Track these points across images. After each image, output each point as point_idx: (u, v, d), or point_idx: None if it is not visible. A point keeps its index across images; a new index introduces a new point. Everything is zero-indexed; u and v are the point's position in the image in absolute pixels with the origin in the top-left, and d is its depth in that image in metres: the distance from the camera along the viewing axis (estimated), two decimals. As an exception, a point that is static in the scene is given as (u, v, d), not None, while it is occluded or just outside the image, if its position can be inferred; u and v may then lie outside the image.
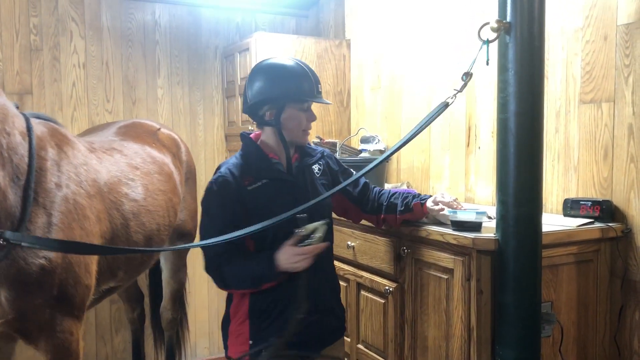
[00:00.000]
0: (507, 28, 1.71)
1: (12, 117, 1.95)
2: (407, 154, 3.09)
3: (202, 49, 3.73)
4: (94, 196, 2.20)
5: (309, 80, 1.86)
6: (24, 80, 3.23)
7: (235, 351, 1.89)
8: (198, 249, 1.94)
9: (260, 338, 1.84)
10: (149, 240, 2.49)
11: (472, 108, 2.67)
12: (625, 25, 2.02)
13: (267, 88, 1.84)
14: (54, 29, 3.30)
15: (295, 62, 1.89)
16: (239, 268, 1.80)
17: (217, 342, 3.89)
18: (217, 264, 1.82)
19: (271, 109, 1.86)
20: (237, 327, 1.89)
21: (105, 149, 2.51)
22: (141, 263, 2.59)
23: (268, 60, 1.94)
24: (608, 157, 2.10)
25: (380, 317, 2.30)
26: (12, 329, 1.98)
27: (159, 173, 2.68)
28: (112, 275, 2.36)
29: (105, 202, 2.26)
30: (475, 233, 1.85)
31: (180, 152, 3.06)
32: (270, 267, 1.75)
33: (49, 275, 1.94)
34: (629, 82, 2.02)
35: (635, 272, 2.02)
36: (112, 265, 2.32)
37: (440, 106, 1.78)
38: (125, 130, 2.83)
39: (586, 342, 2.04)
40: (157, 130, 2.96)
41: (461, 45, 2.68)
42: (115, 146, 2.59)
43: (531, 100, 1.73)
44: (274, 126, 1.87)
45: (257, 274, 1.78)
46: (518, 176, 1.74)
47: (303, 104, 1.87)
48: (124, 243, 2.34)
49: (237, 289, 1.87)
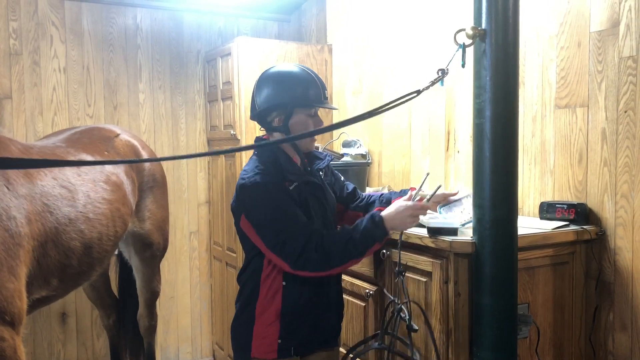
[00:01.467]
0: (482, 35, 1.74)
1: None
2: (388, 158, 3.12)
3: (184, 54, 3.73)
4: (24, 197, 2.11)
5: (315, 86, 1.93)
6: (3, 85, 3.21)
7: (264, 351, 1.90)
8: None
9: (290, 338, 1.90)
10: (89, 249, 2.39)
11: (451, 113, 2.71)
12: (597, 32, 2.07)
13: (275, 94, 1.90)
14: (34, 33, 3.28)
15: (302, 69, 1.95)
16: (342, 236, 1.79)
17: (199, 347, 3.88)
18: (318, 242, 1.78)
19: (280, 115, 1.92)
20: (265, 328, 1.90)
21: (45, 153, 2.42)
22: (79, 273, 2.45)
23: (275, 68, 1.99)
24: (583, 161, 2.14)
25: (361, 319, 2.32)
26: None
27: (105, 182, 2.58)
28: (45, 283, 2.25)
29: (37, 205, 2.17)
30: (452, 237, 1.88)
31: None
32: (379, 225, 1.78)
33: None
34: (601, 87, 2.06)
35: (609, 273, 2.06)
36: (45, 272, 2.21)
37: (412, 93, 1.74)
38: (78, 137, 2.73)
39: (562, 343, 2.08)
40: (115, 136, 2.86)
41: (440, 51, 2.71)
42: (58, 152, 2.51)
43: (506, 105, 1.76)
44: (282, 132, 1.92)
45: (367, 236, 1.78)
46: (494, 180, 1.76)
47: (310, 110, 1.93)
48: (60, 248, 2.24)
49: (340, 264, 1.81)
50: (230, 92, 3.39)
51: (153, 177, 3.01)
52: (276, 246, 1.80)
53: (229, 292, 3.57)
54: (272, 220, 1.81)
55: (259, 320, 1.91)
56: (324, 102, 1.95)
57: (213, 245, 3.82)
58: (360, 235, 1.78)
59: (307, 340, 1.94)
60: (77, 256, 2.33)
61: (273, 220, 1.81)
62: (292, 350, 1.91)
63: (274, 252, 1.82)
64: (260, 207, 1.83)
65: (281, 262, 1.82)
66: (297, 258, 1.78)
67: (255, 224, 1.84)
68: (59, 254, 2.25)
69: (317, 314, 1.94)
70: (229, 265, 3.56)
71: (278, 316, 1.89)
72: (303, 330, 1.92)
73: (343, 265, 1.82)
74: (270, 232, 1.81)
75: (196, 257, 3.85)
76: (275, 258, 1.83)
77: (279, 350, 1.90)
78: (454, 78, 2.55)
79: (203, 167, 3.83)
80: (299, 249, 1.77)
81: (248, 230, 1.88)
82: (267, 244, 1.82)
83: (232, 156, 3.41)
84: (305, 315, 1.91)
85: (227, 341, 3.63)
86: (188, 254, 3.82)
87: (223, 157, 3.57)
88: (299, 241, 1.77)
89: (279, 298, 1.89)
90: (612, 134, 2.04)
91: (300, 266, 1.79)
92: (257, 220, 1.83)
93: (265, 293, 1.90)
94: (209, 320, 3.90)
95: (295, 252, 1.78)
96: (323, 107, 1.96)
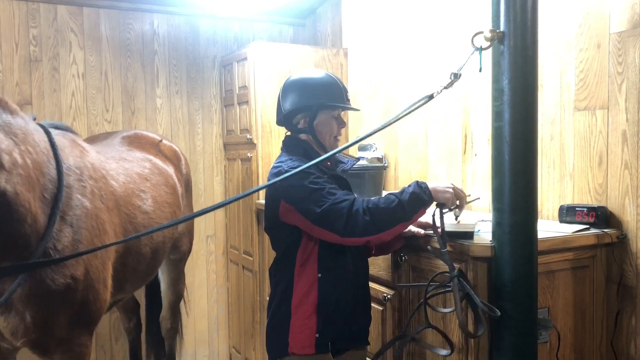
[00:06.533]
0: (500, 37, 1.73)
1: (32, 134, 1.91)
2: (404, 162, 3.11)
3: (201, 59, 3.76)
4: (112, 210, 2.20)
5: (338, 89, 2.03)
6: (24, 91, 3.26)
7: (302, 346, 1.93)
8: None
9: (327, 332, 1.93)
10: (155, 253, 2.49)
11: (468, 116, 2.69)
12: (618, 34, 2.05)
13: (300, 98, 1.99)
14: (53, 39, 3.32)
15: (325, 73, 2.06)
16: (389, 200, 1.80)
17: (216, 350, 3.90)
18: (363, 206, 1.79)
19: (305, 117, 2.01)
20: (303, 322, 1.92)
21: (116, 159, 2.50)
22: (146, 274, 2.59)
23: (298, 74, 2.08)
24: (603, 164, 2.12)
25: (379, 324, 2.31)
26: (30, 345, 1.98)
27: (165, 185, 2.68)
28: (120, 288, 2.35)
29: (121, 216, 2.26)
30: (469, 240, 1.86)
31: (180, 164, 3.07)
32: (425, 190, 1.81)
33: (72, 294, 1.96)
34: (622, 89, 2.04)
35: (631, 277, 2.04)
36: (120, 278, 2.31)
37: (424, 97, 1.80)
38: (130, 141, 2.83)
39: (583, 348, 2.05)
40: (159, 141, 2.98)
41: (457, 54, 2.70)
42: (125, 156, 2.60)
43: (525, 108, 1.74)
44: (308, 132, 2.02)
45: (415, 199, 1.79)
46: (513, 183, 1.75)
47: (334, 111, 2.02)
48: (134, 256, 2.34)
49: (389, 227, 1.81)
50: (247, 96, 3.40)
51: (188, 181, 3.11)
52: (322, 217, 1.81)
53: (246, 295, 3.58)
54: (314, 193, 1.82)
55: (296, 314, 1.93)
56: (346, 103, 2.04)
57: (230, 248, 3.83)
58: (409, 198, 1.79)
59: (341, 335, 1.97)
60: (146, 261, 2.44)
61: (315, 193, 1.82)
62: (330, 346, 1.94)
63: (320, 224, 1.82)
64: (300, 186, 1.85)
65: (328, 233, 1.83)
66: (345, 223, 1.78)
67: (298, 202, 1.85)
68: (134, 262, 2.35)
69: (351, 308, 1.98)
70: (246, 268, 3.57)
71: (315, 309, 1.92)
72: (338, 324, 1.95)
73: (392, 229, 1.82)
74: (314, 205, 1.82)
75: (213, 261, 3.87)
76: (322, 231, 1.84)
77: (316, 345, 1.92)
78: (470, 81, 2.54)
79: (219, 171, 3.85)
80: (345, 215, 1.78)
81: (289, 215, 1.89)
82: (311, 217, 1.83)
83: (248, 160, 3.42)
84: (341, 308, 1.95)
85: (244, 344, 3.64)
86: (205, 258, 3.84)
87: (239, 160, 3.58)
88: (343, 207, 1.79)
89: (314, 290, 1.92)
90: (633, 135, 2.01)
91: (349, 231, 1.79)
92: (299, 198, 1.85)
93: (302, 286, 1.93)
94: (226, 323, 3.91)
95: (342, 218, 1.78)
96: (345, 108, 2.05)
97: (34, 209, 1.83)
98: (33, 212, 1.83)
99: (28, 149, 1.85)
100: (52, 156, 1.96)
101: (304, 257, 1.93)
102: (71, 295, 1.95)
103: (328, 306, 1.93)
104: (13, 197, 1.75)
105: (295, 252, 1.94)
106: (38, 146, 1.91)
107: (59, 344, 2.00)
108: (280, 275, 2.00)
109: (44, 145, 1.95)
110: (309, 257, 1.93)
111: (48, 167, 1.93)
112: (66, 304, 1.95)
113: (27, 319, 1.89)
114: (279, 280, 2.00)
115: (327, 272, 1.93)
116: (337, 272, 1.95)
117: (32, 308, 1.88)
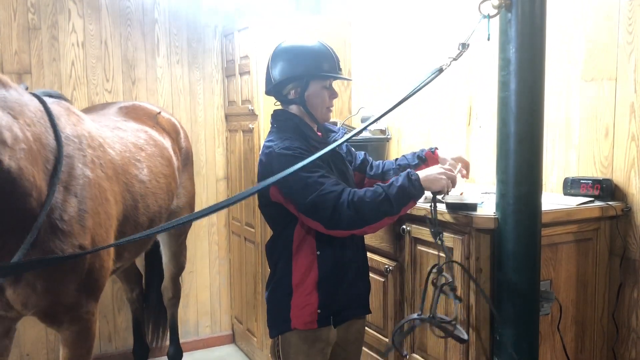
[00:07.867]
0: (508, 5, 1.69)
1: (27, 105, 1.89)
2: (407, 134, 3.08)
3: (202, 28, 3.70)
4: (112, 178, 2.20)
5: (330, 58, 1.95)
6: (23, 60, 3.21)
7: (304, 322, 1.93)
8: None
9: (328, 306, 1.93)
10: (152, 222, 2.51)
11: (472, 87, 2.65)
12: (628, 2, 2.00)
13: (290, 67, 1.92)
14: (52, 7, 3.27)
15: (317, 41, 1.98)
16: (376, 193, 1.77)
17: (218, 321, 3.93)
18: (349, 198, 1.76)
19: (295, 87, 1.94)
20: (304, 298, 1.92)
21: (111, 128, 2.49)
22: (142, 243, 2.62)
23: (288, 41, 2.00)
24: (609, 136, 2.09)
25: (380, 295, 2.31)
26: (41, 314, 2.02)
27: (161, 156, 2.68)
28: (120, 257, 2.39)
29: (120, 184, 2.27)
30: (473, 212, 1.85)
31: (179, 137, 3.05)
32: (415, 183, 1.78)
33: (81, 262, 1.99)
34: (631, 60, 2.00)
35: (635, 250, 2.03)
36: (121, 246, 2.34)
37: (434, 71, 1.78)
38: (126, 111, 2.82)
39: (585, 320, 2.05)
40: (157, 113, 2.95)
41: (464, 24, 2.65)
42: (120, 125, 2.59)
43: (532, 78, 1.71)
44: (299, 104, 1.95)
45: (403, 193, 1.76)
46: (518, 155, 1.73)
47: (325, 81, 1.95)
48: (132, 224, 2.35)
49: (375, 221, 1.79)
50: (248, 66, 3.35)
51: (187, 155, 3.09)
52: (307, 208, 1.80)
53: (247, 267, 3.59)
54: (302, 181, 1.79)
55: (297, 291, 1.93)
56: (338, 73, 1.96)
57: (232, 220, 3.83)
58: (397, 192, 1.77)
59: (343, 307, 1.98)
60: (143, 230, 2.43)
61: (302, 181, 1.79)
62: (331, 319, 1.95)
63: (306, 214, 1.81)
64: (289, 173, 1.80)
65: (315, 223, 1.82)
66: (330, 216, 1.77)
67: (286, 188, 1.83)
68: (131, 230, 2.36)
69: (350, 280, 1.98)
70: (248, 240, 3.57)
71: (316, 286, 1.91)
72: (339, 297, 1.95)
73: (378, 223, 1.80)
74: (301, 194, 1.80)
75: (215, 232, 3.87)
76: (308, 220, 1.83)
77: (318, 319, 1.93)
78: (475, 52, 2.49)
79: (221, 142, 3.83)
80: (331, 207, 1.76)
81: (279, 197, 1.88)
82: (297, 206, 1.83)
83: (249, 131, 3.39)
84: (341, 281, 1.95)
85: (246, 315, 3.66)
86: (207, 229, 3.84)
87: (241, 131, 3.56)
88: (329, 199, 1.76)
89: (314, 268, 1.91)
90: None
91: (334, 224, 1.78)
92: (287, 185, 1.82)
93: (301, 264, 1.92)
94: (228, 294, 3.93)
95: (327, 210, 1.76)
96: (337, 78, 1.98)
97: (39, 182, 1.83)
98: (38, 185, 1.83)
99: (26, 122, 1.84)
100: (50, 126, 1.95)
101: (301, 235, 1.92)
102: (79, 263, 1.98)
103: (328, 282, 1.93)
104: (17, 172, 1.74)
105: (292, 231, 1.92)
106: (35, 117, 1.90)
107: (68, 311, 2.03)
108: (277, 254, 1.99)
109: (41, 115, 1.94)
110: (306, 236, 1.91)
111: (47, 138, 1.92)
112: (75, 272, 1.98)
113: (38, 289, 1.91)
114: (278, 258, 1.99)
115: (326, 249, 1.92)
116: (335, 247, 1.93)
117: (42, 278, 1.90)
